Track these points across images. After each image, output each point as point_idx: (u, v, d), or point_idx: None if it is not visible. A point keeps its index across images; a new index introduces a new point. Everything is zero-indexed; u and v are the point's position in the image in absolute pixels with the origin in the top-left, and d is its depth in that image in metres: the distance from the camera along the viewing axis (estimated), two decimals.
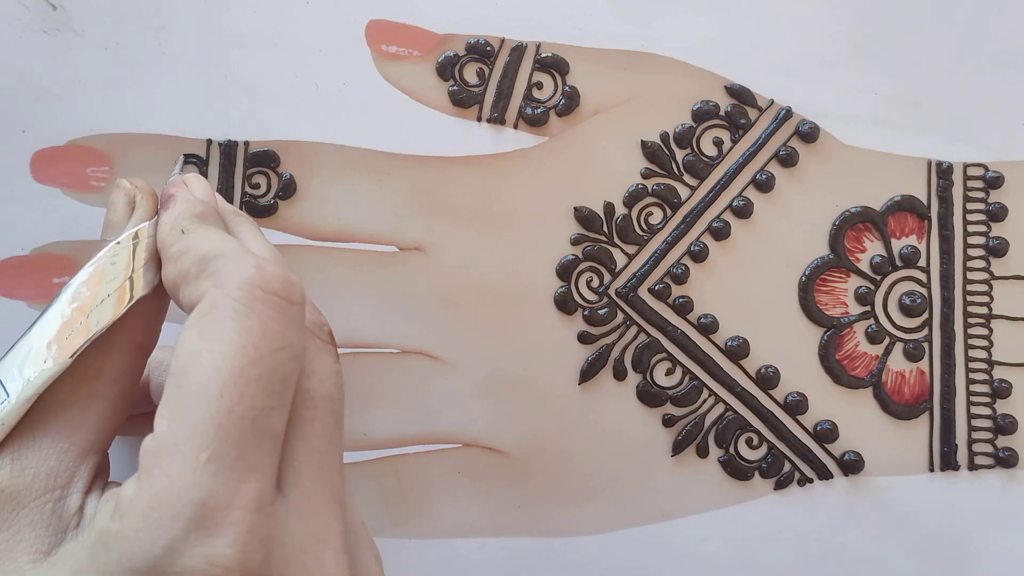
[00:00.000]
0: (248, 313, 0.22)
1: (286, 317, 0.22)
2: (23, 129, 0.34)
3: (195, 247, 0.24)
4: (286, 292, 0.22)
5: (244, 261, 0.23)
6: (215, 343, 0.21)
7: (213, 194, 0.28)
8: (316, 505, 0.22)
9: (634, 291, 0.36)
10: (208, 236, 0.24)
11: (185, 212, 0.26)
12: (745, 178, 0.36)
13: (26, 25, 0.35)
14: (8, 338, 0.34)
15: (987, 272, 0.36)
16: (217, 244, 0.23)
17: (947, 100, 0.37)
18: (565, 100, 0.36)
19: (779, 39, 0.36)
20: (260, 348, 0.21)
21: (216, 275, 0.22)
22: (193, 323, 0.22)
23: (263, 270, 0.22)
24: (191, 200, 0.26)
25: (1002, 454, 0.36)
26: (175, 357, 0.22)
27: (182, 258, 0.24)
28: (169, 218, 0.26)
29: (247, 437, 0.21)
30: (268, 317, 0.22)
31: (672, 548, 0.35)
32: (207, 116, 0.35)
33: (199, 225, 0.25)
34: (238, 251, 0.23)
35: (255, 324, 0.21)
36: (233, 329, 0.21)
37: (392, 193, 0.35)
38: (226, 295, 0.22)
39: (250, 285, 0.22)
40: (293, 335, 0.22)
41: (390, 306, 0.35)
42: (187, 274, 0.23)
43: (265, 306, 0.22)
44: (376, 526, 0.35)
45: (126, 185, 0.27)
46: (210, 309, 0.22)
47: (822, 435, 0.36)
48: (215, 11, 0.35)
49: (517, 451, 0.35)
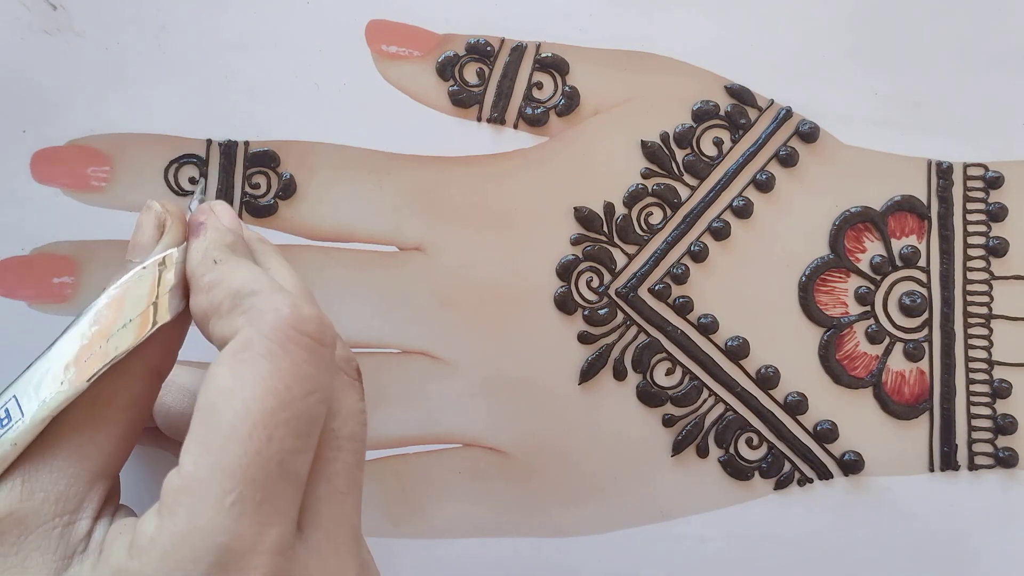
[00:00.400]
0: (282, 354, 0.22)
1: (318, 359, 0.22)
2: (23, 129, 0.34)
3: (228, 280, 0.24)
4: (319, 334, 0.22)
5: (280, 300, 0.23)
6: (247, 383, 0.21)
7: (239, 222, 0.27)
8: (335, 545, 0.22)
9: (634, 291, 0.36)
10: (241, 270, 0.24)
11: (217, 241, 0.25)
12: (745, 178, 0.36)
13: (26, 25, 0.35)
14: (8, 338, 0.34)
15: (987, 272, 0.36)
16: (251, 280, 0.23)
17: (947, 100, 0.37)
18: (565, 100, 0.36)
19: (779, 39, 0.36)
20: (292, 391, 0.21)
21: (251, 312, 0.22)
22: (226, 360, 0.22)
23: (299, 311, 0.22)
24: (221, 229, 0.26)
25: (1002, 454, 0.36)
26: (204, 392, 0.21)
27: (214, 290, 0.24)
28: (200, 246, 0.25)
29: (273, 480, 0.21)
30: (301, 359, 0.22)
31: (672, 548, 0.35)
32: (207, 116, 0.35)
33: (231, 256, 0.25)
34: (273, 288, 0.23)
35: (288, 366, 0.21)
36: (266, 369, 0.21)
37: (392, 193, 0.35)
38: (261, 334, 0.22)
39: (286, 325, 0.22)
40: (324, 378, 0.22)
41: (390, 306, 0.35)
42: (219, 307, 0.23)
43: (298, 347, 0.22)
44: (376, 526, 0.35)
45: (157, 208, 0.26)
46: (244, 347, 0.22)
47: (822, 435, 0.36)
48: (215, 11, 0.35)
49: (517, 451, 0.35)
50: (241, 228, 0.27)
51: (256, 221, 0.35)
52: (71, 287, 0.34)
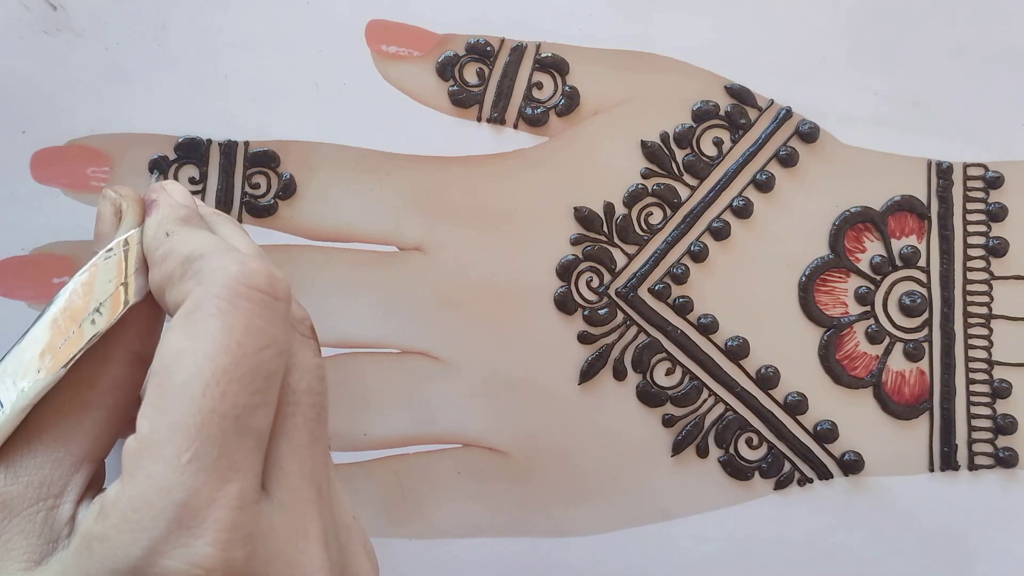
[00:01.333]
0: (231, 311, 0.21)
1: (271, 313, 0.22)
2: (23, 129, 0.34)
3: (179, 248, 0.24)
4: (271, 288, 0.22)
5: (228, 258, 0.22)
6: (198, 342, 0.21)
7: (191, 197, 0.28)
8: (301, 501, 0.22)
9: (634, 291, 0.36)
10: (192, 237, 0.24)
11: (169, 215, 0.26)
12: (745, 178, 0.36)
13: (26, 25, 0.35)
14: (8, 338, 0.34)
15: (987, 272, 0.36)
16: (201, 244, 0.23)
17: (947, 100, 0.37)
18: (565, 100, 0.36)
19: (779, 39, 0.36)
20: (244, 346, 0.21)
21: (200, 274, 0.22)
22: (177, 323, 0.22)
23: (247, 266, 0.22)
24: (173, 204, 0.26)
25: (1002, 454, 0.36)
26: (158, 356, 0.21)
27: (167, 260, 0.24)
28: (153, 222, 0.25)
29: (230, 436, 0.21)
30: (252, 314, 0.22)
31: (672, 548, 0.35)
32: (207, 116, 0.35)
33: (183, 227, 0.25)
34: (222, 248, 0.23)
35: (239, 321, 0.21)
36: (216, 327, 0.21)
37: (392, 193, 0.35)
38: (210, 293, 0.22)
39: (234, 282, 0.22)
40: (278, 332, 0.22)
41: (390, 306, 0.35)
42: (172, 276, 0.23)
43: (249, 303, 0.22)
44: (376, 526, 0.35)
45: (111, 194, 0.27)
46: (194, 308, 0.22)
47: (822, 435, 0.36)
48: (215, 11, 0.35)
49: (517, 451, 0.35)
50: (194, 202, 0.27)
51: (256, 221, 0.35)
52: None
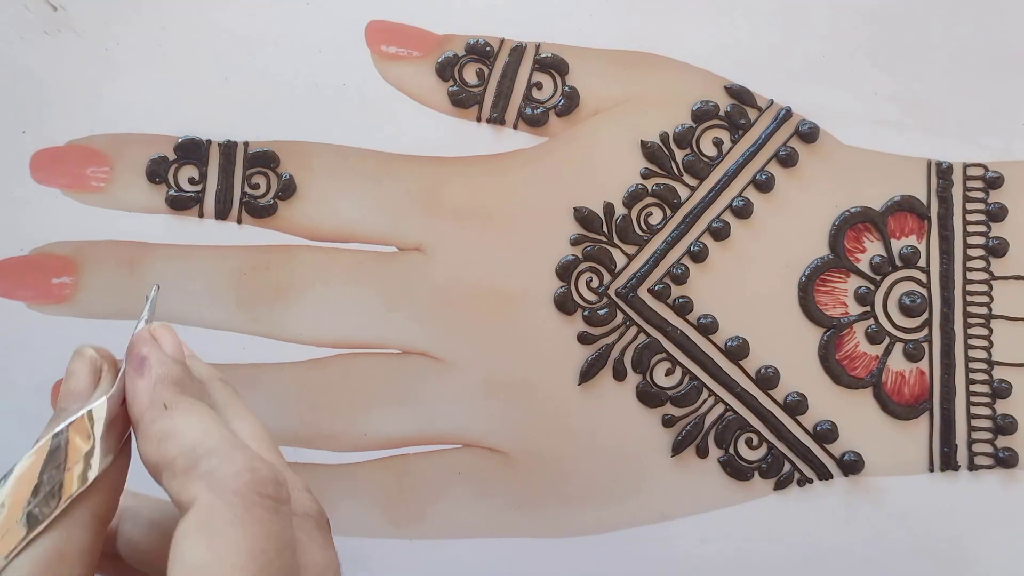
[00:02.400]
0: (249, 519, 0.21)
1: (281, 517, 0.22)
2: (23, 129, 0.34)
3: (181, 434, 0.23)
4: (278, 493, 0.22)
5: (238, 462, 0.22)
6: (222, 553, 0.21)
7: (181, 348, 0.26)
8: None
9: (634, 291, 0.36)
10: (193, 421, 0.23)
11: (163, 379, 0.24)
12: (745, 178, 0.36)
13: (26, 25, 0.35)
14: (8, 338, 0.34)
15: (987, 272, 0.36)
16: (205, 434, 0.23)
17: (947, 100, 0.37)
18: (565, 100, 0.36)
19: (779, 39, 0.36)
20: (267, 552, 0.21)
21: (210, 476, 0.22)
22: (191, 532, 0.21)
23: (257, 473, 0.22)
24: (166, 363, 0.25)
25: (1002, 454, 0.36)
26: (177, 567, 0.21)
27: (166, 442, 0.23)
28: (146, 387, 0.24)
29: None
30: (267, 519, 0.22)
31: (672, 548, 0.35)
32: (207, 116, 0.35)
33: (182, 399, 0.24)
34: (229, 446, 0.23)
35: (258, 529, 0.21)
36: (239, 536, 0.21)
37: (392, 193, 0.35)
38: (224, 501, 0.21)
39: (247, 489, 0.22)
40: (289, 533, 0.22)
41: (390, 306, 0.35)
42: (173, 464, 0.23)
43: (262, 509, 0.22)
44: (376, 526, 0.35)
45: (91, 353, 0.25)
46: (209, 517, 0.21)
47: (822, 435, 0.36)
48: (215, 11, 0.35)
49: (517, 451, 0.35)
50: (184, 354, 0.26)
51: (256, 221, 0.35)
52: (70, 287, 0.34)
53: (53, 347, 0.34)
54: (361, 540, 0.35)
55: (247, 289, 0.35)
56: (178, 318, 0.34)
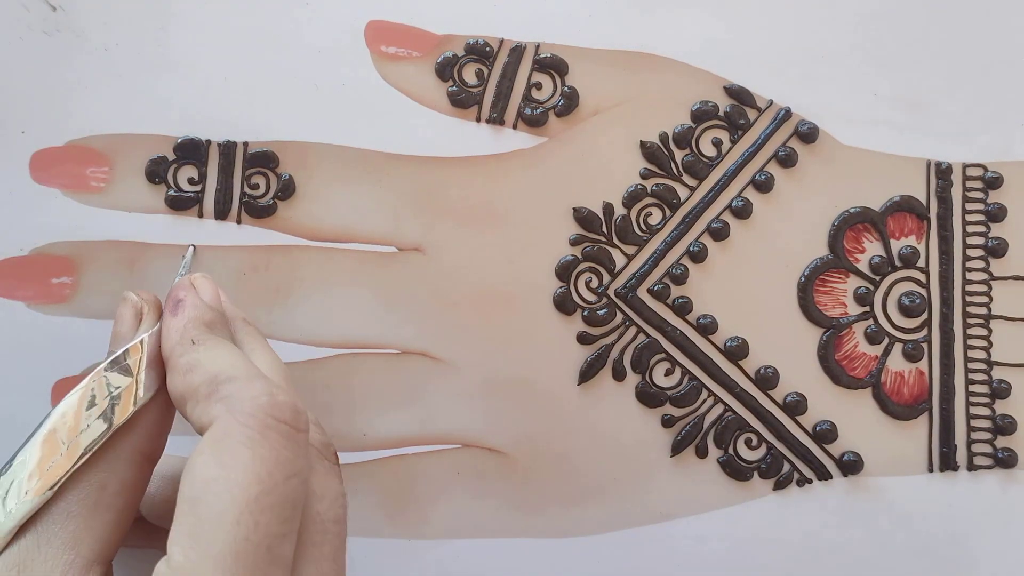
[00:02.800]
0: (261, 441, 0.22)
1: (295, 444, 0.23)
2: (23, 129, 0.34)
3: (206, 364, 0.24)
4: (295, 420, 0.23)
5: (257, 387, 0.23)
6: (230, 471, 0.21)
7: (219, 297, 0.28)
8: None
9: (633, 291, 0.36)
10: (219, 352, 0.24)
11: (195, 319, 0.26)
12: (744, 178, 0.36)
13: (26, 26, 0.35)
14: (7, 339, 0.34)
15: (986, 272, 0.36)
16: (229, 364, 0.24)
17: (947, 100, 0.37)
18: (564, 100, 0.36)
19: (779, 39, 0.36)
20: (274, 476, 0.22)
21: (229, 400, 0.23)
22: (206, 448, 0.22)
23: (275, 398, 0.23)
24: (200, 306, 0.26)
25: (1001, 455, 0.36)
26: (187, 482, 0.22)
27: (192, 373, 0.24)
28: (178, 325, 0.26)
29: (263, 566, 0.21)
30: (279, 445, 0.22)
31: (671, 548, 0.35)
32: (207, 116, 0.35)
33: (209, 336, 0.25)
34: (250, 375, 0.24)
35: (268, 452, 0.22)
36: (248, 457, 0.22)
37: (391, 193, 0.35)
38: (239, 422, 0.22)
39: (263, 413, 0.22)
40: (301, 462, 0.23)
41: (390, 306, 0.35)
42: (197, 392, 0.23)
43: (277, 434, 0.22)
44: (376, 526, 0.35)
45: (133, 298, 0.27)
46: (223, 435, 0.22)
47: (821, 435, 0.36)
48: (214, 11, 0.35)
49: (516, 451, 0.35)
50: (221, 303, 0.28)
51: (255, 221, 0.35)
52: (70, 287, 0.34)
53: (53, 347, 0.34)
54: (360, 540, 0.35)
55: (247, 289, 0.35)
56: None
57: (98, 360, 0.26)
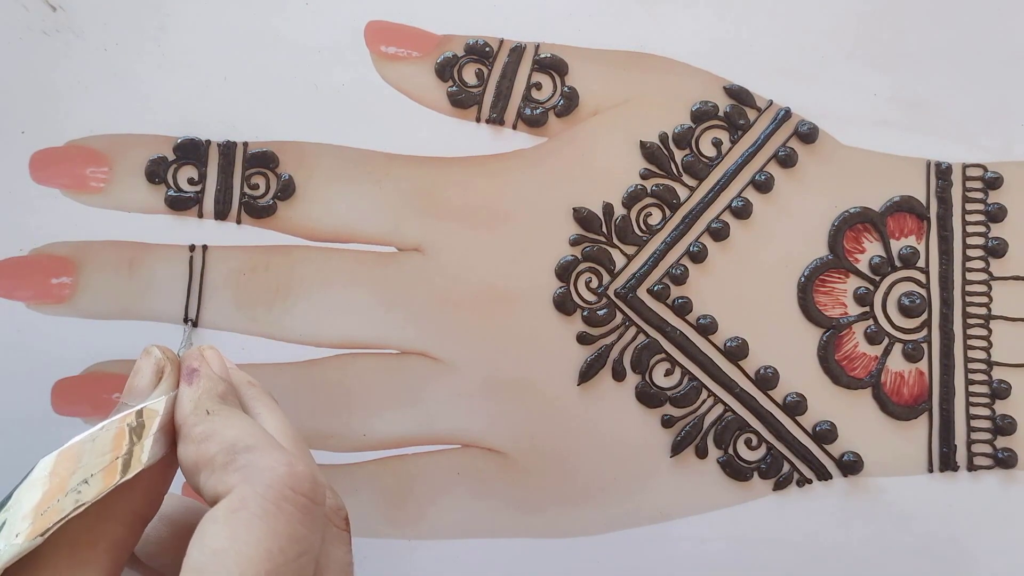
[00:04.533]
0: (277, 515, 0.22)
1: (311, 518, 0.22)
2: (23, 129, 0.34)
3: (222, 433, 0.24)
4: (313, 493, 0.23)
5: (275, 457, 0.23)
6: (242, 545, 0.21)
7: (227, 369, 0.28)
8: None
9: (633, 292, 0.36)
10: (235, 423, 0.24)
11: (210, 391, 0.26)
12: (744, 179, 0.36)
13: (26, 26, 0.35)
14: (7, 339, 0.34)
15: (986, 273, 0.36)
16: (246, 434, 0.24)
17: (947, 100, 0.37)
18: (564, 101, 0.36)
19: (779, 39, 0.36)
20: (286, 553, 0.21)
21: (246, 469, 0.22)
22: (220, 518, 0.22)
23: (294, 469, 0.22)
24: (214, 378, 0.26)
25: (1001, 455, 0.36)
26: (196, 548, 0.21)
27: (207, 442, 0.24)
28: (193, 395, 0.26)
29: None
30: (295, 519, 0.22)
31: (671, 548, 0.35)
32: (207, 116, 0.35)
33: (222, 406, 0.25)
34: (268, 444, 0.23)
35: (282, 527, 0.22)
36: (261, 531, 0.21)
37: (391, 194, 0.35)
38: (256, 493, 0.22)
39: (281, 484, 0.22)
40: (315, 538, 0.22)
41: (389, 306, 0.35)
42: (212, 461, 0.23)
43: (294, 507, 0.22)
44: (376, 526, 0.35)
45: (157, 354, 0.27)
46: (240, 506, 0.22)
47: (821, 436, 0.36)
48: (214, 11, 0.35)
49: (516, 452, 0.35)
50: (229, 374, 0.27)
51: (255, 222, 0.35)
52: (69, 288, 0.34)
53: (53, 347, 0.34)
54: (360, 540, 0.35)
55: (246, 289, 0.35)
56: (177, 319, 0.34)
57: (104, 359, 0.26)
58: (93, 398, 0.34)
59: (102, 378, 0.34)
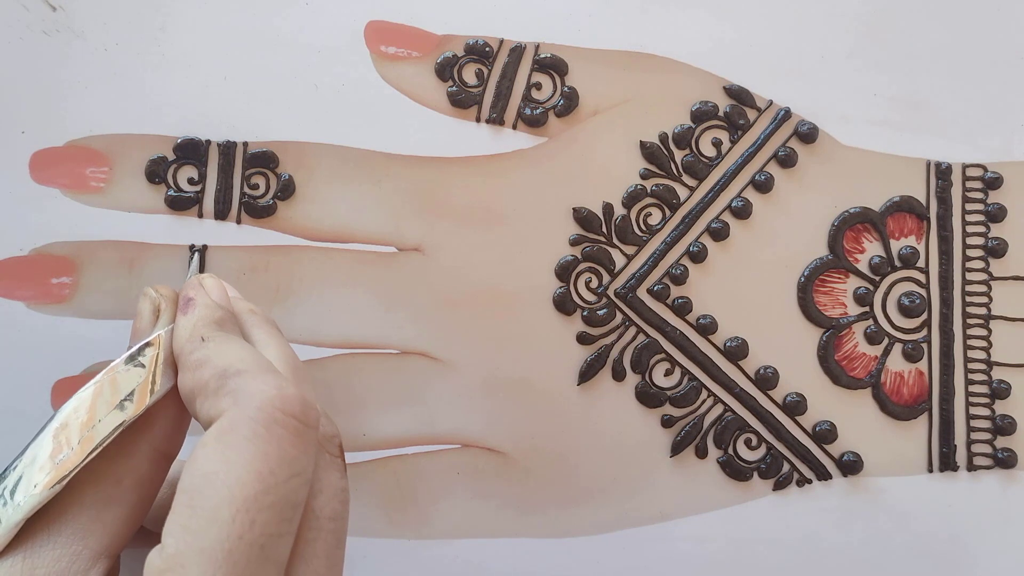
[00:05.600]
0: (267, 436, 0.22)
1: (302, 441, 0.22)
2: (23, 129, 0.34)
3: (215, 359, 0.24)
4: (304, 415, 0.22)
5: (265, 380, 0.23)
6: (232, 466, 0.21)
7: (227, 296, 0.27)
8: None
9: (633, 292, 0.36)
10: (228, 348, 0.24)
11: (205, 318, 0.25)
12: (744, 179, 0.36)
13: (26, 26, 0.35)
14: (7, 339, 0.34)
15: (986, 273, 0.36)
16: (238, 358, 0.23)
17: (946, 101, 0.37)
18: (564, 101, 0.36)
19: (779, 39, 0.36)
20: (276, 475, 0.21)
21: (236, 393, 0.22)
22: (210, 441, 0.22)
23: (284, 391, 0.22)
24: (210, 305, 0.26)
25: (1001, 455, 0.36)
26: (188, 473, 0.21)
27: (201, 368, 0.24)
28: (188, 323, 0.25)
29: (254, 564, 0.21)
30: (285, 441, 0.22)
31: (671, 549, 0.35)
32: (207, 116, 0.35)
33: (218, 332, 0.25)
34: (259, 368, 0.23)
35: (272, 448, 0.22)
36: (251, 452, 0.21)
37: (391, 194, 0.35)
38: (246, 416, 0.22)
39: (271, 407, 0.22)
40: (307, 460, 0.22)
41: (389, 306, 0.35)
42: (206, 387, 0.23)
43: (283, 429, 0.22)
44: (376, 526, 0.35)
45: (152, 293, 0.27)
46: (229, 429, 0.22)
47: (821, 436, 0.36)
48: (214, 11, 0.35)
49: (516, 452, 0.35)
50: (230, 302, 0.27)
51: (255, 222, 0.35)
52: (69, 287, 0.34)
53: (53, 347, 0.34)
54: (360, 540, 0.35)
55: (246, 289, 0.35)
56: None
57: (104, 359, 0.26)
58: None
59: None
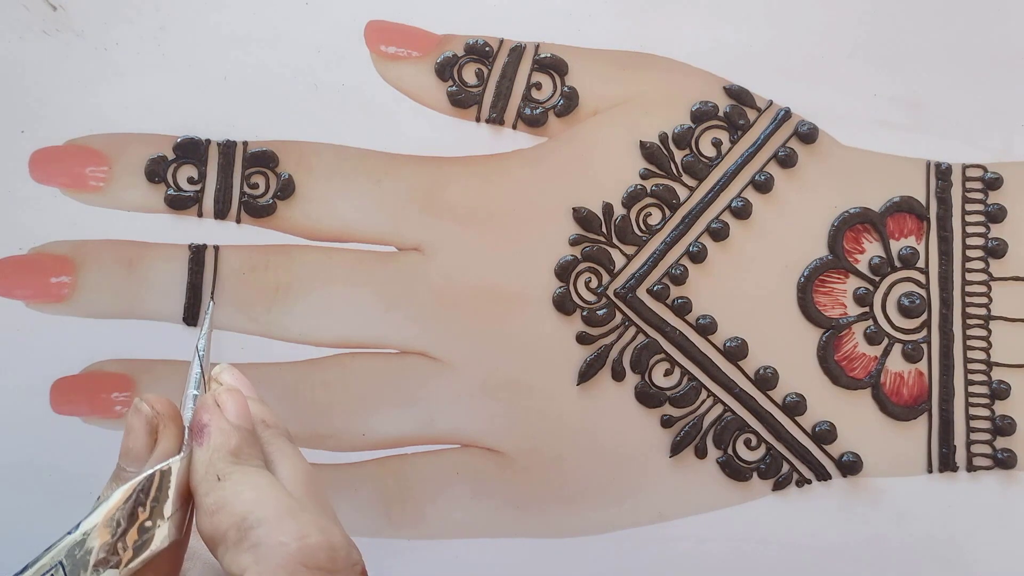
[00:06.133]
0: None
1: None
2: (23, 129, 0.34)
3: (232, 503, 0.22)
4: (330, 563, 0.22)
5: (286, 531, 0.22)
6: None
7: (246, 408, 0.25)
8: None
9: (633, 292, 0.36)
10: (245, 488, 0.23)
11: (220, 448, 0.24)
12: (744, 179, 0.36)
13: (26, 25, 0.35)
14: (6, 338, 0.34)
15: (986, 273, 0.36)
16: (255, 504, 0.22)
17: (946, 101, 0.37)
18: (564, 100, 0.36)
19: (778, 40, 0.36)
20: None
21: (257, 549, 0.22)
22: None
23: (305, 542, 0.22)
24: (226, 431, 0.24)
25: (1000, 455, 0.36)
26: None
27: (218, 514, 0.23)
28: (204, 457, 0.24)
29: None
30: None
31: (670, 549, 0.35)
32: (206, 116, 0.35)
33: (235, 469, 0.24)
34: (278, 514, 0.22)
35: None
36: None
37: (391, 193, 0.35)
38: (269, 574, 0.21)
39: (293, 562, 0.21)
40: None
41: (389, 306, 0.35)
42: (225, 537, 0.22)
43: None
44: (375, 527, 0.35)
45: (146, 409, 0.24)
46: None
47: (821, 436, 0.36)
48: (214, 11, 0.35)
49: (516, 452, 0.35)
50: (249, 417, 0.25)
51: (255, 221, 0.35)
52: (69, 287, 0.34)
53: (52, 346, 0.34)
54: (360, 540, 0.34)
55: (246, 289, 0.35)
56: (177, 318, 0.34)
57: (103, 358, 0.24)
58: (92, 397, 0.34)
59: (101, 377, 0.34)
